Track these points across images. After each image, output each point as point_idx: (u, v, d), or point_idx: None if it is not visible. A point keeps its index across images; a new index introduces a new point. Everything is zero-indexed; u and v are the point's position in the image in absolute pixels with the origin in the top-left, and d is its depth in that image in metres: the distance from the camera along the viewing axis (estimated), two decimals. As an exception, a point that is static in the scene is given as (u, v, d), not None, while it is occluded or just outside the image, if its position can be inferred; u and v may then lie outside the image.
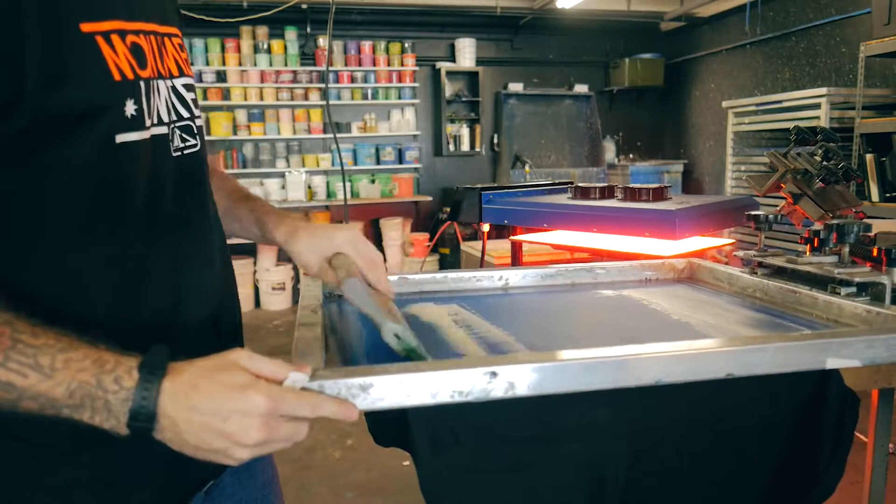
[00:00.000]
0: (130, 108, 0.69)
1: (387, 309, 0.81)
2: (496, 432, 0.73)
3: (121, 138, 0.68)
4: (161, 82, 0.77)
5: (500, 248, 3.77)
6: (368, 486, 2.65)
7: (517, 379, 0.65)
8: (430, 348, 0.81)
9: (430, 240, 6.35)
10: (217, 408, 0.57)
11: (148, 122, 0.73)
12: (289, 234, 0.96)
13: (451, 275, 1.24)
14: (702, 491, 0.83)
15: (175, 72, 0.80)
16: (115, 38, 0.67)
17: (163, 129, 0.77)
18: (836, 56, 5.28)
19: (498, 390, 0.65)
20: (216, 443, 0.57)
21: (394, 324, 0.77)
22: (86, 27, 0.65)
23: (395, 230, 6.58)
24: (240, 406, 0.57)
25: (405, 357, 0.78)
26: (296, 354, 0.71)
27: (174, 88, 0.80)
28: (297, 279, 6.10)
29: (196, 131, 0.84)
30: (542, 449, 0.75)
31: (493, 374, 0.65)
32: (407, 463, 0.74)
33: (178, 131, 0.80)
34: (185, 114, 0.82)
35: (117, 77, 0.68)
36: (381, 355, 0.85)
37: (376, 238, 6.71)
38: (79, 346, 0.59)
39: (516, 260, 2.75)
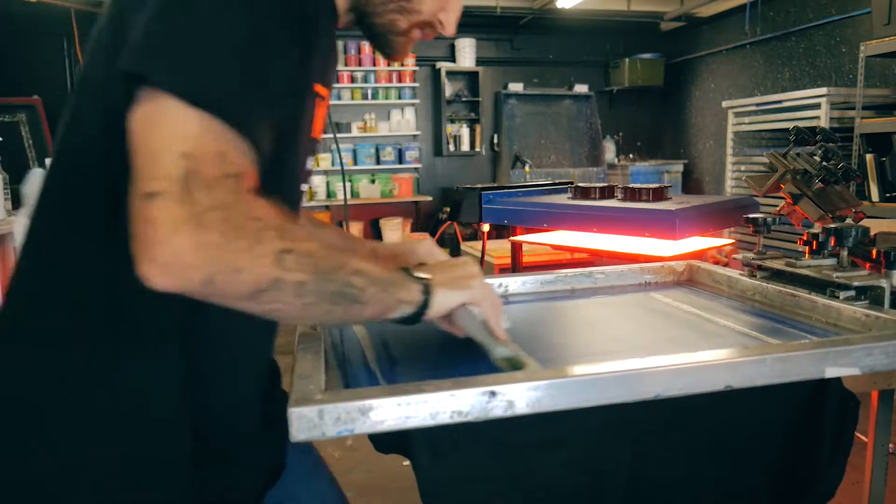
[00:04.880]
0: (309, 164, 0.81)
1: (489, 331, 0.82)
2: (495, 438, 0.74)
3: (303, 187, 0.81)
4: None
5: (500, 248, 3.78)
6: (369, 486, 2.65)
7: (516, 398, 0.66)
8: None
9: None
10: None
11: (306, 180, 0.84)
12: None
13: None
14: (702, 493, 0.83)
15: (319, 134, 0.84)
16: (317, 100, 0.75)
17: (305, 187, 0.86)
18: (836, 56, 5.28)
19: (497, 409, 0.66)
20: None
21: (503, 348, 0.79)
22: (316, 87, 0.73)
23: (394, 230, 6.59)
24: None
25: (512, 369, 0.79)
26: (296, 377, 0.71)
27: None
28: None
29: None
30: (542, 454, 0.76)
31: (492, 393, 0.65)
32: (407, 463, 0.74)
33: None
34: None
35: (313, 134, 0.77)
36: (384, 369, 0.85)
37: (376, 238, 6.71)
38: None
39: (516, 260, 2.75)
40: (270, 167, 0.66)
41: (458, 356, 0.95)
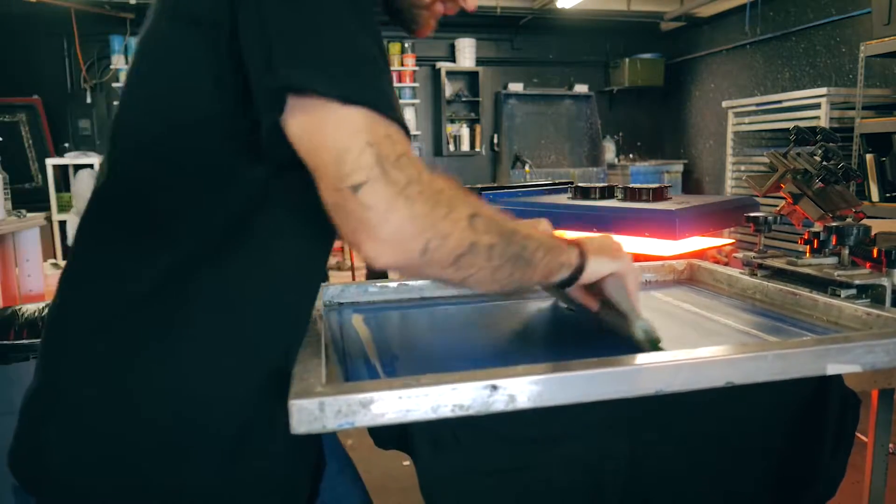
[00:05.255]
0: None
1: (636, 308, 0.87)
2: (495, 433, 0.74)
3: None
4: None
5: (500, 248, 3.77)
6: (369, 486, 2.65)
7: (518, 392, 0.66)
8: None
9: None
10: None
11: None
12: None
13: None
14: (701, 491, 0.83)
15: None
16: None
17: None
18: (836, 56, 5.28)
19: (499, 403, 0.66)
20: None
21: (643, 321, 0.84)
22: None
23: (395, 230, 6.58)
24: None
25: (651, 349, 0.84)
26: (296, 371, 0.71)
27: None
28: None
29: None
30: (541, 449, 0.76)
31: (494, 387, 0.65)
32: (407, 463, 0.75)
33: None
34: None
35: None
36: (385, 364, 0.85)
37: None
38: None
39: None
40: None
41: (459, 352, 0.95)
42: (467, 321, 1.12)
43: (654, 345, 0.84)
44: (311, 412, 0.62)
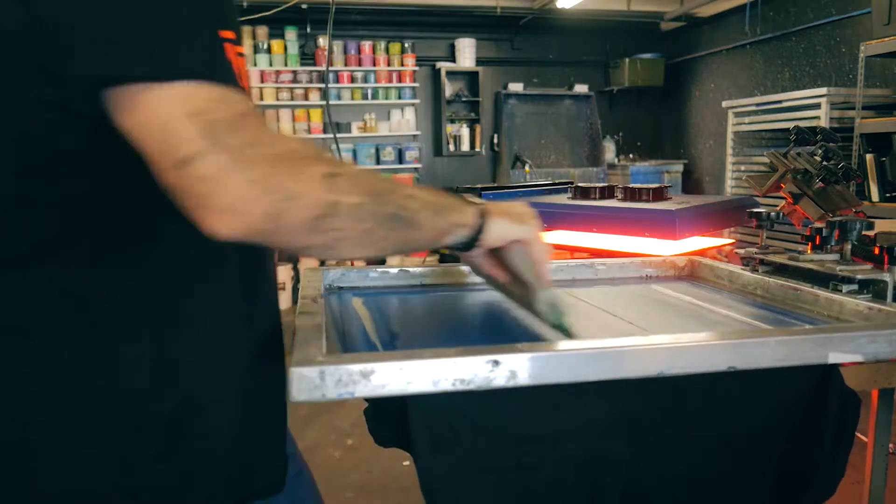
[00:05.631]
0: None
1: (542, 279, 0.81)
2: (496, 432, 0.73)
3: None
4: None
5: (500, 248, 3.76)
6: (369, 486, 2.65)
7: (519, 368, 0.65)
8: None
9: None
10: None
11: None
12: None
13: (452, 268, 1.24)
14: (702, 489, 0.83)
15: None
16: (228, 47, 0.66)
17: None
18: (836, 56, 5.28)
19: (500, 379, 0.65)
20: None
21: (549, 293, 0.79)
22: (222, 33, 0.64)
23: (395, 230, 6.58)
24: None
25: (553, 328, 0.80)
26: (296, 341, 0.70)
27: None
28: (296, 279, 6.10)
29: None
30: (542, 448, 0.75)
31: (496, 362, 0.64)
32: (407, 463, 0.74)
33: None
34: None
35: None
36: (385, 342, 0.85)
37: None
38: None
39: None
40: None
41: (460, 335, 0.95)
42: (468, 306, 1.12)
43: (558, 320, 0.79)
44: (311, 380, 0.61)
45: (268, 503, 0.83)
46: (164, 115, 0.57)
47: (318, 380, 0.61)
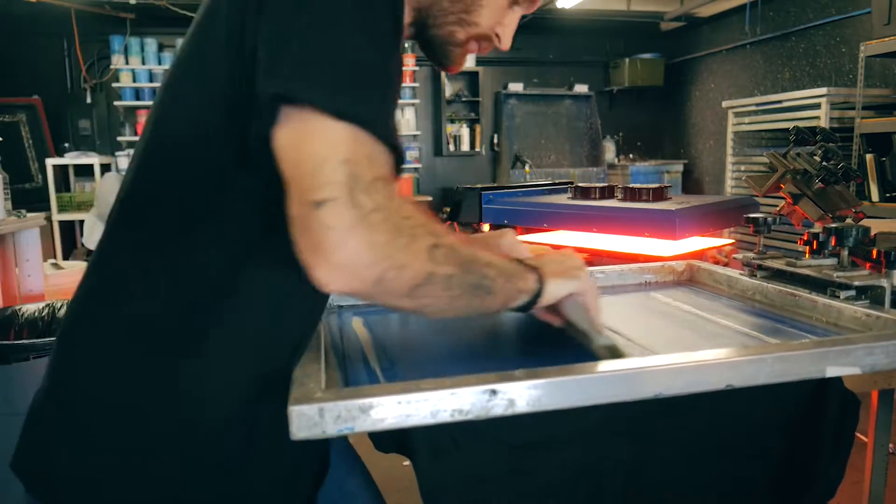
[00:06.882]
0: None
1: (591, 321, 0.86)
2: (495, 437, 0.74)
3: None
4: None
5: (500, 248, 3.76)
6: (368, 486, 2.64)
7: (517, 396, 0.66)
8: None
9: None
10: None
11: None
12: None
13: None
14: (701, 493, 0.83)
15: None
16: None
17: None
18: (836, 56, 5.28)
19: (498, 408, 0.66)
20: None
21: (605, 339, 0.84)
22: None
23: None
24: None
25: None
26: (295, 376, 0.71)
27: None
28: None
29: None
30: (541, 453, 0.76)
31: (493, 392, 0.65)
32: (407, 463, 0.74)
33: None
34: None
35: None
36: (385, 367, 0.86)
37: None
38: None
39: (516, 260, 2.75)
40: None
41: (458, 355, 0.95)
42: (467, 324, 1.12)
43: (619, 356, 0.83)
44: (310, 418, 0.62)
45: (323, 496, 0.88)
46: (322, 153, 0.60)
47: (317, 417, 0.62)
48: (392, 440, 0.76)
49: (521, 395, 0.66)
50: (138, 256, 0.71)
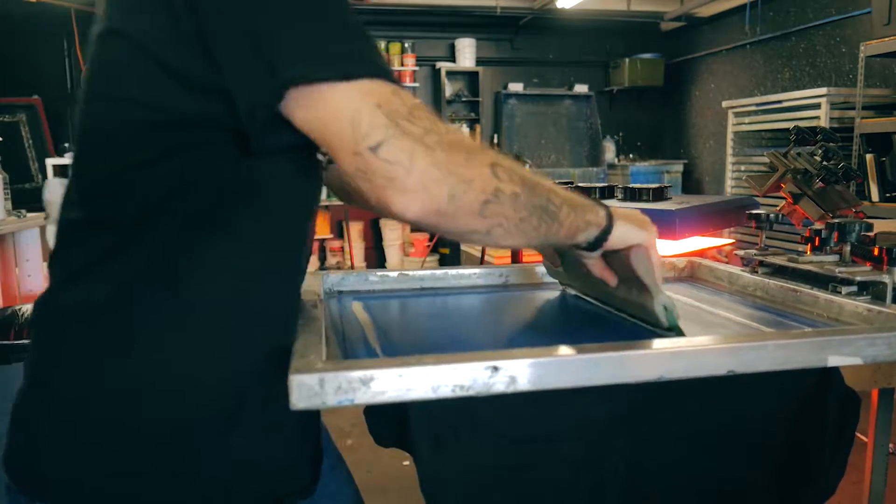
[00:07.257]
0: None
1: (659, 284, 0.85)
2: (496, 431, 0.73)
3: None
4: None
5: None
6: (368, 486, 2.64)
7: (518, 374, 0.65)
8: None
9: (430, 240, 6.35)
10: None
11: None
12: None
13: (452, 271, 1.24)
14: (701, 488, 0.83)
15: None
16: None
17: None
18: (836, 56, 5.28)
19: (499, 385, 0.65)
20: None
21: (665, 296, 0.82)
22: None
23: (394, 230, 6.58)
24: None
25: (667, 330, 0.82)
26: (296, 348, 0.70)
27: None
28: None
29: None
30: (542, 448, 0.75)
31: (495, 368, 0.65)
32: (407, 463, 0.75)
33: None
34: None
35: None
36: (385, 347, 0.85)
37: (376, 238, 6.71)
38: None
39: (516, 260, 2.75)
40: None
41: (459, 339, 0.95)
42: (468, 310, 1.13)
43: (672, 322, 0.82)
44: (311, 388, 0.61)
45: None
46: (355, 107, 0.62)
47: (317, 387, 0.61)
48: (392, 434, 0.76)
49: (522, 372, 0.65)
50: (96, 243, 0.70)
